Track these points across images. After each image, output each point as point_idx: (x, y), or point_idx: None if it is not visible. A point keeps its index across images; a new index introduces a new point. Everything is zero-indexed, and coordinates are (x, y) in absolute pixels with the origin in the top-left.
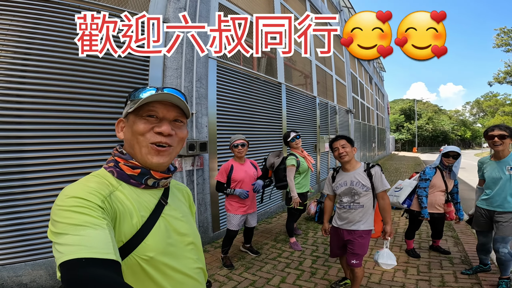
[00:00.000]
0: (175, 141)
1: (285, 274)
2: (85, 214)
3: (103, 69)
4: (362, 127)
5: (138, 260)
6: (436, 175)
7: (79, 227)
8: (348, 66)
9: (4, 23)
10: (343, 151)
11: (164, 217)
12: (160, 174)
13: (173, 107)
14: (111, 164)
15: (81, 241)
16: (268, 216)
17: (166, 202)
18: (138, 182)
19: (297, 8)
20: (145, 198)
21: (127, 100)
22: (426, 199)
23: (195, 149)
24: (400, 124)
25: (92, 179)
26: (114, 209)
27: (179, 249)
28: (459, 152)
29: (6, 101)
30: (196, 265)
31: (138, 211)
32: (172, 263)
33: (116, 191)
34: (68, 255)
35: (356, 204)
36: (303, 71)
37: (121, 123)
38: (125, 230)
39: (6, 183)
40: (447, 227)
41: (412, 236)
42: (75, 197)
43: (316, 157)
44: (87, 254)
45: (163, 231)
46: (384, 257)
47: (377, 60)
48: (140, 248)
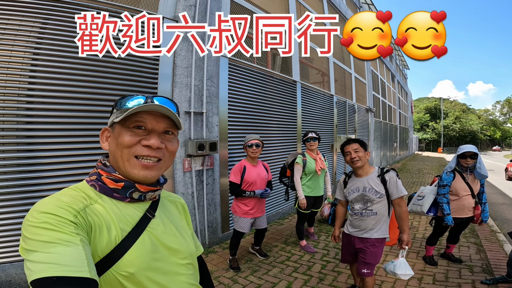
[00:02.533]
0: (165, 155)
1: (292, 279)
2: (55, 231)
3: (112, 68)
4: (383, 126)
5: (117, 277)
6: (456, 179)
7: (49, 244)
8: (368, 64)
9: (14, 23)
10: (355, 155)
11: (149, 231)
12: (146, 187)
13: (163, 117)
14: (93, 177)
15: (51, 259)
16: (280, 217)
17: (153, 215)
18: (122, 196)
19: (313, 5)
20: (128, 212)
21: (113, 108)
22: (447, 206)
23: (205, 149)
24: (424, 123)
25: (67, 193)
26: (89, 222)
27: (167, 265)
28: (476, 152)
29: (17, 101)
30: (188, 280)
31: (118, 225)
32: (158, 279)
33: (95, 204)
34: (37, 273)
35: (369, 211)
36: (320, 69)
37: (105, 132)
38: (101, 244)
39: (17, 181)
40: (470, 233)
41: (435, 242)
42: (45, 212)
43: (333, 157)
44: (57, 273)
45: (147, 246)
46: (402, 267)
47: (400, 58)
48: (119, 263)
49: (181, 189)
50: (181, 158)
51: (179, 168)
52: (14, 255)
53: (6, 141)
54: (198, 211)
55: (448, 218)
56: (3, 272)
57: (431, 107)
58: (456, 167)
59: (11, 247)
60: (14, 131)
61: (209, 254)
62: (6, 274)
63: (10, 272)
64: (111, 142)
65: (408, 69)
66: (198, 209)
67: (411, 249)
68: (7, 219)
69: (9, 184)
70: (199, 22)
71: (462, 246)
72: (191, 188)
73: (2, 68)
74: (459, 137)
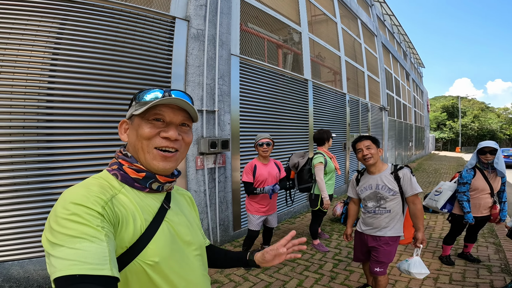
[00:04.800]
0: (181, 146)
1: (303, 277)
2: (83, 224)
3: (127, 68)
4: (397, 125)
5: (143, 266)
6: (477, 177)
7: (76, 239)
8: (382, 62)
9: (33, 24)
10: (367, 152)
11: (167, 222)
12: (165, 178)
13: (180, 110)
14: (114, 167)
15: (76, 255)
16: (292, 216)
17: (169, 206)
18: (143, 186)
19: (323, 3)
20: (148, 202)
21: (132, 101)
22: (467, 203)
23: (217, 147)
24: (441, 122)
25: (94, 182)
26: (116, 214)
27: (183, 255)
28: (495, 147)
29: (37, 100)
30: (200, 270)
31: (142, 214)
32: (178, 269)
33: (119, 194)
34: (61, 270)
35: (382, 209)
36: (332, 67)
37: (124, 125)
38: (128, 234)
39: (37, 178)
40: (489, 233)
41: (452, 242)
42: (76, 203)
43: (346, 156)
44: (81, 271)
45: (167, 235)
46: (417, 266)
47: (415, 56)
48: (144, 252)
49: (193, 187)
50: (194, 156)
51: (191, 166)
52: (33, 251)
53: (27, 138)
54: (210, 209)
55: (469, 216)
56: (21, 268)
57: (448, 105)
58: (477, 164)
59: (30, 243)
60: (34, 129)
61: None
62: (25, 270)
63: (28, 268)
64: (131, 133)
65: (423, 67)
66: (210, 207)
67: (427, 248)
68: (27, 215)
69: (30, 181)
70: (210, 22)
71: (481, 246)
72: (203, 186)
73: (23, 67)
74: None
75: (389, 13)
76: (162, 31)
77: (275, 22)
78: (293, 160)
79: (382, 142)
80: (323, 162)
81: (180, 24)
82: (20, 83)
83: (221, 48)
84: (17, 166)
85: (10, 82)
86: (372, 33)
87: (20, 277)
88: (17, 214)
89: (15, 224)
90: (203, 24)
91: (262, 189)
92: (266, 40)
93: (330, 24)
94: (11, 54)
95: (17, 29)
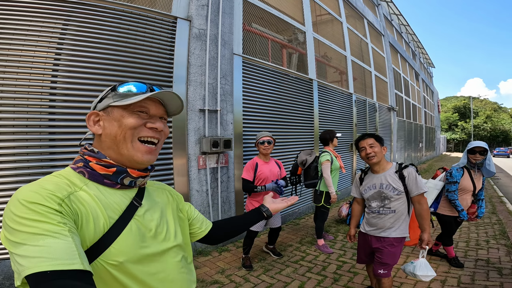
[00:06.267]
0: (161, 138)
1: (305, 279)
2: (42, 222)
3: (129, 67)
4: (407, 126)
5: (105, 266)
6: (464, 176)
7: (38, 236)
8: (390, 62)
9: (36, 24)
10: (371, 151)
11: (137, 219)
12: (137, 172)
13: (161, 105)
14: (80, 164)
15: (41, 252)
16: (296, 217)
17: (140, 203)
18: (113, 182)
19: (328, 3)
20: (115, 199)
21: (108, 93)
22: (459, 201)
23: (219, 147)
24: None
25: (50, 180)
26: (75, 211)
27: (155, 252)
28: (485, 148)
29: (40, 99)
30: (177, 266)
31: (105, 212)
32: (147, 267)
33: (80, 191)
34: (30, 268)
35: (387, 209)
36: (338, 67)
37: (93, 117)
38: (89, 233)
39: (40, 176)
40: (500, 235)
41: (450, 242)
42: (30, 201)
43: (353, 156)
44: (50, 267)
45: (135, 234)
46: (422, 268)
47: (424, 56)
48: (107, 252)
49: (195, 187)
50: (196, 156)
51: (193, 165)
52: None
53: (30, 137)
54: (213, 208)
55: (464, 213)
56: None
57: (459, 106)
58: (466, 164)
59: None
60: (37, 128)
61: (222, 253)
62: None
63: None
64: (109, 125)
65: (433, 67)
66: (212, 207)
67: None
68: None
69: (32, 179)
70: (212, 22)
71: (492, 248)
72: (205, 186)
73: (26, 68)
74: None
75: (397, 12)
76: (164, 31)
77: (279, 22)
78: (301, 157)
79: (391, 143)
80: (329, 159)
81: (182, 24)
82: (23, 82)
83: (223, 48)
84: (20, 164)
85: (14, 82)
86: (379, 32)
87: None
88: None
89: None
90: (205, 24)
91: (263, 187)
92: (270, 40)
93: (336, 24)
94: (14, 54)
95: (20, 30)
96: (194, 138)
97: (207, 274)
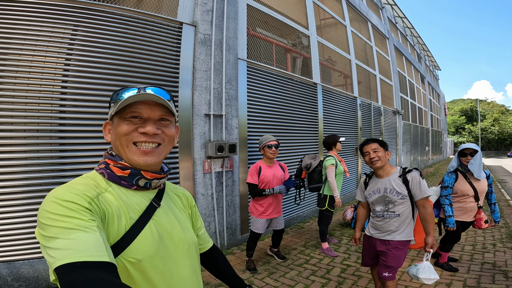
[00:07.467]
0: (164, 140)
1: (309, 282)
2: (74, 217)
3: (136, 72)
4: (413, 129)
5: (124, 263)
6: (459, 180)
7: (70, 230)
8: (395, 65)
9: (47, 30)
10: (374, 155)
11: (155, 220)
12: (151, 174)
13: (157, 106)
14: (102, 166)
15: (72, 245)
16: (301, 220)
17: (159, 204)
18: (129, 183)
19: (331, 6)
20: (136, 200)
21: (110, 102)
22: (449, 207)
23: (224, 151)
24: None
25: (80, 181)
26: (103, 211)
27: (170, 253)
28: (476, 149)
29: (50, 104)
30: (190, 269)
31: (127, 212)
32: (162, 267)
33: (105, 193)
34: (61, 259)
35: (391, 213)
36: (343, 71)
37: (108, 126)
38: (113, 231)
39: (49, 179)
40: (507, 237)
41: (450, 248)
42: (63, 199)
43: (357, 161)
44: (80, 258)
45: (154, 234)
46: (426, 271)
47: (430, 59)
48: (127, 250)
49: (201, 190)
50: (201, 160)
51: (199, 169)
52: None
53: (40, 142)
54: (218, 212)
55: (449, 220)
56: (31, 268)
57: (466, 109)
58: (459, 167)
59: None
60: (48, 132)
61: (227, 256)
62: (34, 269)
63: (38, 267)
64: (112, 133)
65: (439, 70)
66: (217, 211)
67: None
68: None
69: (42, 182)
70: (217, 27)
71: (498, 251)
72: (210, 190)
73: (37, 73)
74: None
75: (401, 15)
76: (170, 36)
77: (283, 26)
78: (306, 161)
79: (397, 147)
80: (334, 164)
81: (187, 29)
82: (34, 88)
83: (228, 53)
84: (31, 168)
85: (25, 87)
86: (384, 35)
87: (29, 276)
88: (28, 214)
89: (26, 225)
90: (210, 29)
91: (271, 190)
92: (275, 44)
93: (340, 27)
94: (25, 59)
95: (31, 35)
96: (200, 143)
97: (211, 277)
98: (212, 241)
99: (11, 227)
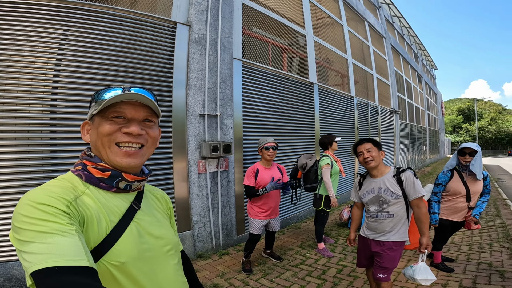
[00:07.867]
0: (147, 141)
1: (304, 282)
2: (51, 221)
3: (129, 72)
4: (410, 129)
5: (108, 267)
6: (454, 179)
7: (46, 234)
8: (392, 64)
9: (38, 30)
10: (368, 155)
11: (136, 222)
12: (132, 177)
13: (142, 106)
14: (78, 168)
15: (49, 249)
16: (297, 220)
17: (139, 206)
18: (109, 185)
19: (328, 6)
20: (115, 202)
21: (91, 102)
22: (436, 204)
23: (219, 151)
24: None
25: (56, 184)
26: (81, 214)
27: (154, 255)
28: (475, 149)
29: (41, 105)
30: (175, 269)
31: (107, 215)
32: (146, 269)
33: (83, 196)
34: (38, 264)
35: (385, 213)
36: (340, 70)
37: (86, 126)
38: (93, 235)
39: (40, 181)
40: (504, 238)
41: (440, 247)
42: (39, 203)
43: (354, 161)
44: (58, 263)
45: (135, 236)
46: (422, 272)
47: (427, 58)
48: (110, 254)
49: (195, 191)
50: (196, 160)
51: (193, 170)
52: None
53: (31, 142)
54: (213, 212)
55: (433, 217)
56: (23, 269)
57: (464, 108)
58: (457, 166)
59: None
60: (39, 133)
61: (222, 256)
62: None
63: None
64: (92, 133)
65: (436, 69)
66: (212, 211)
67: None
68: None
69: (33, 183)
70: (211, 26)
71: (495, 251)
72: (205, 190)
73: (27, 73)
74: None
75: (398, 15)
76: (164, 36)
77: (280, 26)
78: (302, 161)
79: (394, 146)
80: (329, 163)
81: (182, 29)
82: (25, 88)
83: (223, 52)
84: (22, 169)
85: (15, 87)
86: (381, 35)
87: (21, 277)
88: None
89: None
90: (204, 29)
91: (264, 189)
92: (271, 44)
93: (336, 27)
94: (16, 60)
95: (22, 35)
96: (194, 143)
97: (206, 278)
98: (182, 246)
99: (2, 228)
